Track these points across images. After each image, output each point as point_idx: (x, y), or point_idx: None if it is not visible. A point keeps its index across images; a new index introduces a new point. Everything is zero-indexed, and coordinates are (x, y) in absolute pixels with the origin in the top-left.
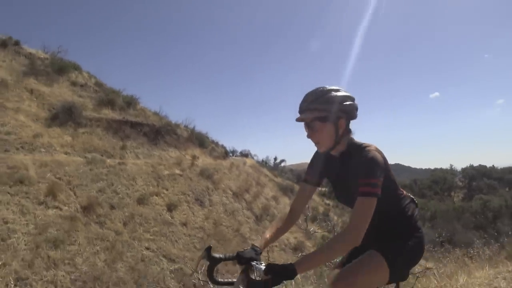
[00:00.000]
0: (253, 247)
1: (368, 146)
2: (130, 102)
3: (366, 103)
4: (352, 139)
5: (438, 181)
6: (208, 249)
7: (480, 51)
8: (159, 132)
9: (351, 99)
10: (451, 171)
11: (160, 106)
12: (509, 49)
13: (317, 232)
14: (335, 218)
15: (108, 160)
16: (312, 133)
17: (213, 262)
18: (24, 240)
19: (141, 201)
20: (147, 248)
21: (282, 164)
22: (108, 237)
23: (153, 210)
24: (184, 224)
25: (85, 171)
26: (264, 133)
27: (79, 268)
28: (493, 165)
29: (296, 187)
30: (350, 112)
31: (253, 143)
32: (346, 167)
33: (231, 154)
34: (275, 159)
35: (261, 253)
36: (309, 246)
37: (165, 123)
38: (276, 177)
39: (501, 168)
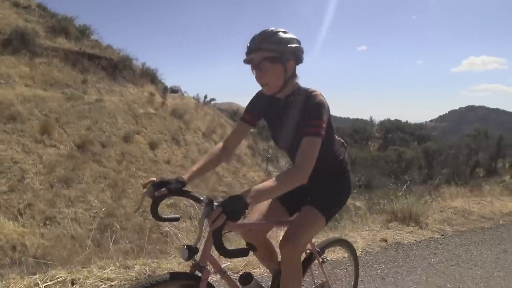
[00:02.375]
0: (178, 179)
1: (315, 91)
2: (84, 32)
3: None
4: (298, 84)
5: (359, 130)
6: (153, 185)
7: (409, 12)
8: (117, 67)
9: (298, 42)
10: (370, 123)
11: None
12: (435, 10)
13: (274, 171)
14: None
15: (85, 97)
16: (260, 74)
17: (157, 199)
18: (39, 180)
19: (126, 139)
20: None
21: (212, 103)
22: (108, 174)
23: (139, 148)
24: (167, 162)
25: (68, 108)
26: (194, 70)
27: (94, 205)
28: (407, 121)
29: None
30: (298, 54)
31: (182, 78)
32: (290, 110)
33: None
34: (205, 97)
35: (185, 184)
36: None
37: (121, 58)
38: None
39: (413, 124)
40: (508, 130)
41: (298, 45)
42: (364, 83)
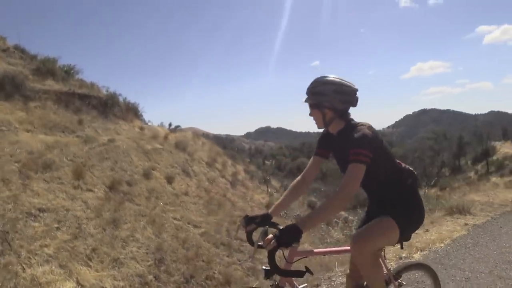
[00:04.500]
0: (265, 214)
1: (362, 124)
2: (69, 72)
3: (254, 66)
4: (350, 120)
5: None
6: (245, 218)
7: (357, 26)
8: (107, 104)
9: (346, 92)
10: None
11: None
12: (382, 22)
13: (275, 192)
14: None
15: (99, 138)
16: (311, 114)
17: (250, 228)
18: (92, 225)
19: (146, 176)
20: (174, 218)
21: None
22: (144, 212)
23: (159, 183)
24: (186, 194)
25: (88, 151)
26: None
27: (143, 243)
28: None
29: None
30: (334, 105)
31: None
32: (341, 143)
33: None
34: (170, 124)
35: (271, 218)
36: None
37: (109, 95)
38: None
39: (379, 130)
40: (459, 128)
41: (342, 97)
42: None
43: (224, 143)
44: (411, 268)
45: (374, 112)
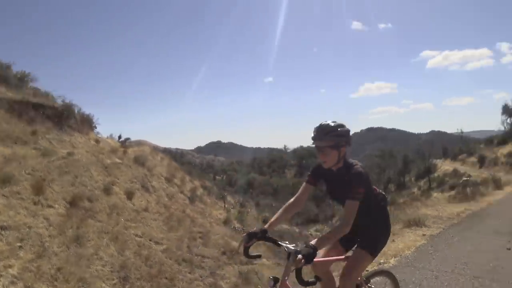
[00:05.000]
0: (262, 229)
1: (356, 164)
2: (23, 79)
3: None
4: (346, 158)
5: (275, 159)
6: (247, 234)
7: (311, 45)
8: (62, 115)
9: (347, 131)
10: (285, 151)
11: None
12: (333, 42)
13: (232, 208)
14: None
15: (58, 151)
16: (323, 156)
17: (250, 243)
18: (56, 243)
19: (107, 191)
20: (136, 235)
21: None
22: (106, 229)
23: (119, 199)
24: (146, 210)
25: (47, 164)
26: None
27: (107, 261)
28: None
29: None
30: (348, 142)
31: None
32: (340, 178)
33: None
34: (120, 136)
35: (267, 232)
36: None
37: (65, 105)
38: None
39: None
40: (404, 146)
41: (348, 135)
42: (274, 112)
43: (175, 157)
44: (378, 274)
45: None
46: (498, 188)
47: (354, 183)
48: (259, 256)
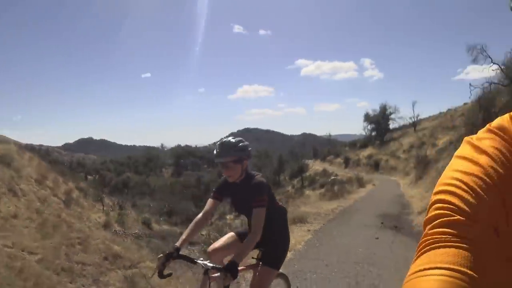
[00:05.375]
0: (174, 247)
1: (257, 174)
2: None
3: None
4: (248, 171)
5: (152, 158)
6: (165, 255)
7: (192, 44)
8: None
9: (248, 145)
10: (162, 150)
11: None
12: (216, 46)
13: (111, 210)
14: None
15: None
16: (227, 170)
17: (166, 263)
18: None
19: None
20: (5, 246)
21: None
22: None
23: None
24: (15, 217)
25: None
26: None
27: None
28: (196, 145)
29: None
30: (249, 155)
31: None
32: (245, 189)
33: None
34: None
35: (180, 250)
36: None
37: None
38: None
39: (202, 147)
40: (279, 147)
41: (250, 149)
42: (152, 110)
43: (39, 155)
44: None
45: (202, 128)
46: (361, 186)
47: (257, 192)
48: (170, 275)
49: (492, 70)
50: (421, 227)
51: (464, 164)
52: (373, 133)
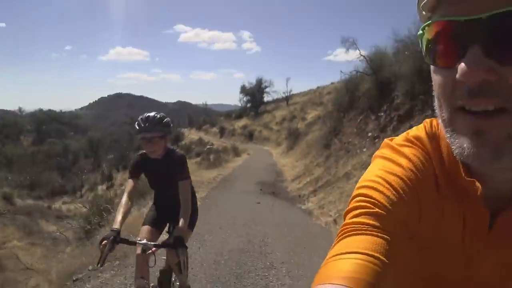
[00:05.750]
0: (112, 229)
1: (176, 149)
2: None
3: None
4: (168, 146)
5: (9, 124)
6: (111, 240)
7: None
8: None
9: (170, 121)
10: (20, 115)
11: None
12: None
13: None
14: None
15: None
16: (151, 145)
17: (111, 249)
18: None
19: None
20: None
21: None
22: None
23: None
24: None
25: None
26: None
27: None
28: (61, 110)
29: None
30: (171, 131)
31: None
32: (166, 164)
33: None
34: None
35: (119, 232)
36: None
37: None
38: None
39: (68, 112)
40: None
41: (170, 125)
42: (8, 68)
43: None
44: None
45: (67, 92)
46: (237, 156)
47: (181, 166)
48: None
49: (360, 60)
50: (294, 193)
51: (387, 164)
52: (248, 105)
